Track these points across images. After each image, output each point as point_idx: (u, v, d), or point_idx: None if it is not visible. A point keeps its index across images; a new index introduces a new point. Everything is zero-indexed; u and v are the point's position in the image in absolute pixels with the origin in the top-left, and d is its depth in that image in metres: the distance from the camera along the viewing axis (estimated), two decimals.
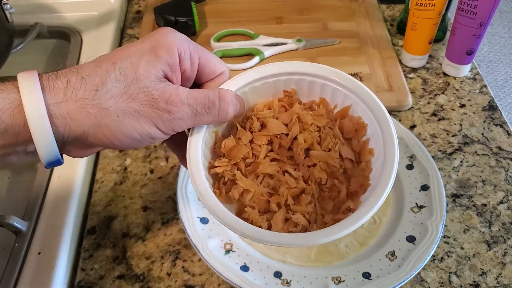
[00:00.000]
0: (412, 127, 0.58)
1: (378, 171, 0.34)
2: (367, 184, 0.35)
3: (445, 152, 0.55)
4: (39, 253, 0.44)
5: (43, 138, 0.27)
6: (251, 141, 0.36)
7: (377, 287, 0.40)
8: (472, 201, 0.50)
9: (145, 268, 0.45)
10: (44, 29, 0.69)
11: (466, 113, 0.59)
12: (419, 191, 0.48)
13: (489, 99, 0.61)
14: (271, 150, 0.37)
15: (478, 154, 0.54)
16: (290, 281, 0.42)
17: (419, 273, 0.44)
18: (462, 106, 0.60)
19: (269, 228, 0.34)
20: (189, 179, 0.47)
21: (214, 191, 0.34)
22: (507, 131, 0.57)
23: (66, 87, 0.28)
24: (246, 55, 0.66)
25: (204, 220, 0.45)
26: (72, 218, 0.47)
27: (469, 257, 0.46)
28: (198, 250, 0.42)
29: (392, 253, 0.43)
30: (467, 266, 0.45)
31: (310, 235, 0.31)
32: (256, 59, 0.64)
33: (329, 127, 0.37)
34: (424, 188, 0.48)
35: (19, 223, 0.45)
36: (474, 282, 0.44)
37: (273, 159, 0.36)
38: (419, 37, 0.61)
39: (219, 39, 0.68)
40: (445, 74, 0.64)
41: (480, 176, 0.52)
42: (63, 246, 0.45)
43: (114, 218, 0.49)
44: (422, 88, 0.62)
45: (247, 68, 0.64)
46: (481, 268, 0.45)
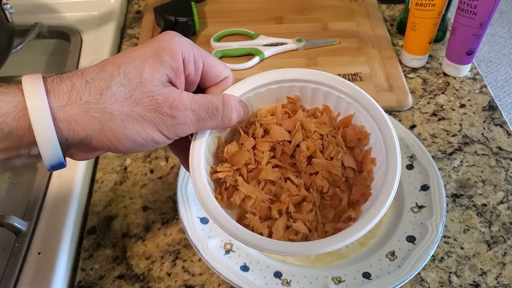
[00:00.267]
0: (412, 127, 0.58)
1: (380, 181, 0.34)
2: (368, 194, 0.35)
3: (445, 152, 0.55)
4: (39, 253, 0.44)
5: (47, 141, 0.27)
6: (253, 147, 0.36)
7: (377, 287, 0.40)
8: (472, 201, 0.50)
9: (145, 268, 0.45)
10: (44, 29, 0.69)
11: (466, 113, 0.59)
12: (419, 191, 0.48)
13: (489, 99, 0.61)
14: (273, 157, 0.37)
15: (478, 154, 0.54)
16: (290, 281, 0.42)
17: (419, 273, 0.44)
18: (462, 106, 0.60)
19: (269, 235, 0.34)
20: (189, 179, 0.47)
21: (215, 196, 0.34)
22: (507, 131, 0.57)
23: (70, 91, 0.28)
24: (246, 55, 0.66)
25: (204, 220, 0.45)
26: (72, 218, 0.47)
27: (469, 257, 0.46)
28: (198, 250, 0.42)
29: (392, 253, 0.43)
30: (467, 266, 0.45)
31: (310, 244, 0.31)
32: (256, 59, 0.64)
33: (332, 135, 0.37)
34: (424, 188, 0.48)
35: (19, 223, 0.45)
36: (474, 282, 0.44)
37: (275, 166, 0.36)
38: (419, 37, 0.61)
39: (219, 39, 0.68)
40: (445, 74, 0.64)
41: (480, 176, 0.52)
42: (63, 246, 0.45)
43: (114, 218, 0.49)
44: (422, 88, 0.62)
45: (247, 68, 0.64)
46: (481, 268, 0.45)
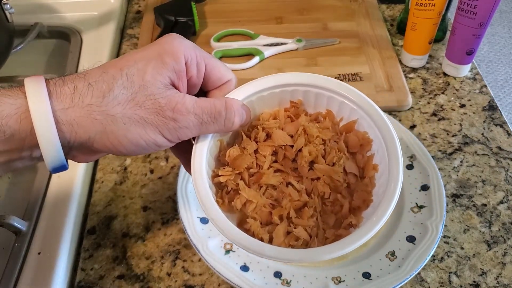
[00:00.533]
0: (412, 127, 0.58)
1: (381, 188, 0.34)
2: (369, 200, 0.35)
3: (445, 152, 0.55)
4: (39, 253, 0.44)
5: (49, 144, 0.27)
6: (255, 151, 0.36)
7: (377, 287, 0.40)
8: (472, 201, 0.50)
9: (145, 268, 0.45)
10: (44, 29, 0.69)
11: (466, 113, 0.59)
12: (419, 191, 0.48)
13: (489, 99, 0.61)
14: (275, 161, 0.37)
15: (478, 154, 0.54)
16: (290, 281, 0.42)
17: (419, 273, 0.44)
18: (462, 106, 0.60)
19: (270, 240, 0.34)
20: (189, 179, 0.47)
21: (217, 200, 0.34)
22: (507, 131, 0.57)
23: (73, 93, 0.28)
24: (246, 55, 0.66)
25: (204, 220, 0.45)
26: (72, 218, 0.47)
27: (469, 257, 0.46)
28: (198, 250, 0.42)
29: (392, 253, 0.43)
30: (467, 266, 0.45)
31: (311, 252, 0.31)
32: (256, 59, 0.64)
33: (335, 141, 0.37)
34: (424, 188, 0.48)
35: (19, 223, 0.45)
36: (474, 282, 0.44)
37: (277, 170, 0.36)
38: (419, 37, 0.61)
39: (219, 39, 0.68)
40: (445, 74, 0.64)
41: (480, 176, 0.52)
42: (63, 246, 0.45)
43: (114, 218, 0.49)
44: (422, 88, 0.62)
45: (247, 68, 0.64)
46: (481, 268, 0.45)
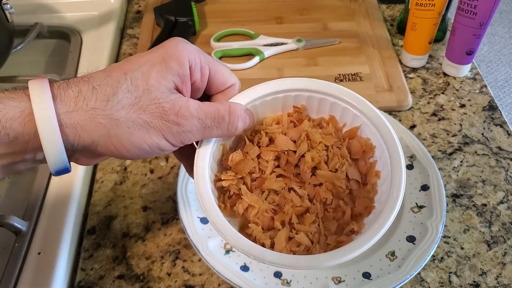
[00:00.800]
0: (412, 127, 0.58)
1: (384, 195, 0.34)
2: (371, 207, 0.35)
3: (445, 152, 0.55)
4: (39, 253, 0.44)
5: (53, 147, 0.27)
6: (258, 156, 0.36)
7: (377, 287, 0.40)
8: (472, 201, 0.50)
9: (145, 268, 0.45)
10: (44, 29, 0.69)
11: (466, 113, 0.59)
12: (419, 191, 0.48)
13: (489, 99, 0.61)
14: (277, 166, 0.37)
15: (478, 154, 0.54)
16: (290, 281, 0.42)
17: (419, 273, 0.44)
18: (462, 106, 0.60)
19: (272, 245, 0.34)
20: (189, 179, 0.47)
21: (219, 205, 0.34)
22: (507, 131, 0.57)
23: (77, 97, 0.28)
24: (246, 55, 0.66)
25: (204, 220, 0.45)
26: (72, 218, 0.47)
27: (469, 257, 0.46)
28: (198, 250, 0.42)
29: (392, 253, 0.43)
30: (467, 266, 0.45)
31: (312, 258, 0.31)
32: (256, 59, 0.64)
33: (337, 147, 0.37)
34: (424, 188, 0.48)
35: (19, 223, 0.45)
36: (474, 282, 0.44)
37: (279, 175, 0.36)
38: (419, 37, 0.61)
39: (219, 39, 0.68)
40: (445, 74, 0.64)
41: (480, 176, 0.52)
42: (63, 246, 0.45)
43: (114, 218, 0.49)
44: (422, 88, 0.62)
45: (247, 68, 0.64)
46: (481, 268, 0.45)
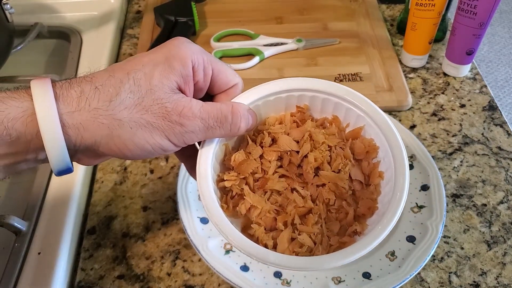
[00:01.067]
0: (412, 127, 0.58)
1: (387, 197, 0.34)
2: (374, 207, 0.35)
3: (445, 152, 0.55)
4: (39, 253, 0.44)
5: (55, 147, 0.27)
6: (261, 156, 0.36)
7: (377, 287, 0.40)
8: (472, 201, 0.50)
9: (145, 268, 0.45)
10: (44, 29, 0.69)
11: (466, 113, 0.59)
12: (419, 191, 0.48)
13: (489, 99, 0.61)
14: (280, 166, 0.37)
15: (478, 154, 0.54)
16: (290, 281, 0.42)
17: (419, 273, 0.44)
18: (462, 106, 0.60)
19: (274, 246, 0.34)
20: (189, 179, 0.47)
21: (221, 205, 0.34)
22: (507, 131, 0.57)
23: (79, 97, 0.28)
24: (246, 55, 0.66)
25: (204, 220, 0.45)
26: (72, 218, 0.47)
27: (469, 257, 0.46)
28: (198, 250, 0.42)
29: (392, 253, 0.43)
30: (467, 266, 0.45)
31: (315, 260, 0.32)
32: (256, 59, 0.64)
33: (340, 147, 0.37)
34: (424, 188, 0.48)
35: (19, 223, 0.45)
36: (474, 282, 0.44)
37: (282, 176, 0.36)
38: (419, 37, 0.61)
39: (219, 39, 0.68)
40: (445, 74, 0.64)
41: (480, 176, 0.52)
42: (63, 246, 0.45)
43: (114, 218, 0.49)
44: (422, 88, 0.62)
45: (247, 68, 0.64)
46: (481, 268, 0.45)
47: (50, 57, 0.73)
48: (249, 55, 0.66)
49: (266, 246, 0.34)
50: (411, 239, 0.44)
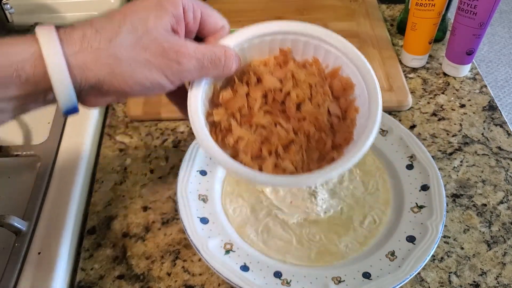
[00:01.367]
0: (412, 127, 0.58)
1: (361, 128, 0.37)
2: (350, 138, 0.38)
3: (445, 152, 0.55)
4: (39, 253, 0.44)
5: (62, 87, 0.29)
6: (247, 94, 0.39)
7: (377, 287, 0.40)
8: (472, 201, 0.50)
9: (145, 268, 0.45)
10: None
11: (466, 113, 0.59)
12: (419, 191, 0.48)
13: (489, 99, 0.61)
14: (265, 103, 0.39)
15: (478, 154, 0.54)
16: (290, 281, 0.42)
17: (419, 273, 0.44)
18: (462, 106, 0.60)
19: (260, 171, 0.37)
20: (189, 179, 0.47)
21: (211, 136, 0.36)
22: (507, 131, 0.57)
23: (82, 39, 0.30)
24: None
25: (204, 220, 0.45)
26: (72, 218, 0.47)
27: (469, 257, 0.46)
28: (198, 250, 0.42)
29: (392, 253, 0.43)
30: (467, 266, 0.45)
31: (299, 177, 0.36)
32: None
33: (320, 85, 0.39)
34: (424, 188, 0.48)
35: (19, 223, 0.45)
36: (474, 282, 0.44)
37: (266, 112, 0.39)
38: (419, 37, 0.61)
39: None
40: (445, 74, 0.64)
41: (480, 176, 0.52)
42: (63, 246, 0.45)
43: (114, 218, 0.49)
44: (422, 88, 0.62)
45: None
46: (481, 268, 0.45)
47: None
48: None
49: None
50: (411, 239, 0.44)
